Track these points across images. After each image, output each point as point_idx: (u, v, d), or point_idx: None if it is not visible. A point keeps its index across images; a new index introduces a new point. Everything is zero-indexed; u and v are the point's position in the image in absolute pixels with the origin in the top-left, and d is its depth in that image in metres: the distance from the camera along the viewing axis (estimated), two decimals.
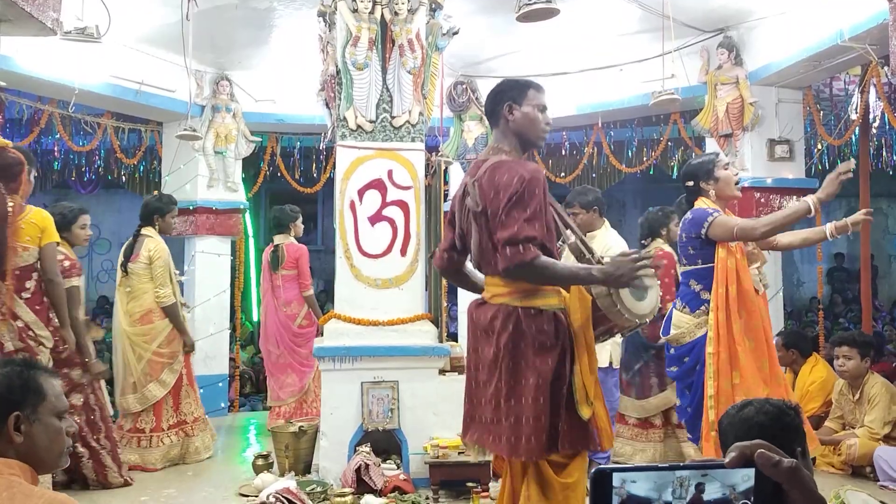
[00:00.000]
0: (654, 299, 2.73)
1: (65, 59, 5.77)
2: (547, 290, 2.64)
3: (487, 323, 2.67)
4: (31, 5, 3.16)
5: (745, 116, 6.03)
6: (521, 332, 2.58)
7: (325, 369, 4.47)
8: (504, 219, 2.52)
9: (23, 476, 1.72)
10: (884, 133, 8.40)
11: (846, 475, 4.67)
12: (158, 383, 5.03)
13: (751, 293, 3.70)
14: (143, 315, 5.02)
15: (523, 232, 2.49)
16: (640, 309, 2.66)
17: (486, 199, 2.59)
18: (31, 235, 4.03)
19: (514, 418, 2.56)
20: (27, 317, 3.97)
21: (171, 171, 7.13)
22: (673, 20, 5.51)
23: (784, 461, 0.70)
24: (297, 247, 6.06)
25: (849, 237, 12.04)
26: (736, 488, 0.70)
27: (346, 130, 4.58)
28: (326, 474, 4.37)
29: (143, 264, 5.03)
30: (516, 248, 2.48)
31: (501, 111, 2.75)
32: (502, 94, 2.77)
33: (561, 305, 2.65)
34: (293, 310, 6.00)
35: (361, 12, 4.53)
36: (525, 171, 2.57)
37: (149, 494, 4.44)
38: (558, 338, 2.58)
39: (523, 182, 2.54)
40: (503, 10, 5.25)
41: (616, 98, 6.87)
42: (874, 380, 4.81)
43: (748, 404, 1.90)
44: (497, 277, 2.69)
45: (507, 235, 2.50)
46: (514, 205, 2.52)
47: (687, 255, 3.83)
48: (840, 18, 5.04)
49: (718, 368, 3.60)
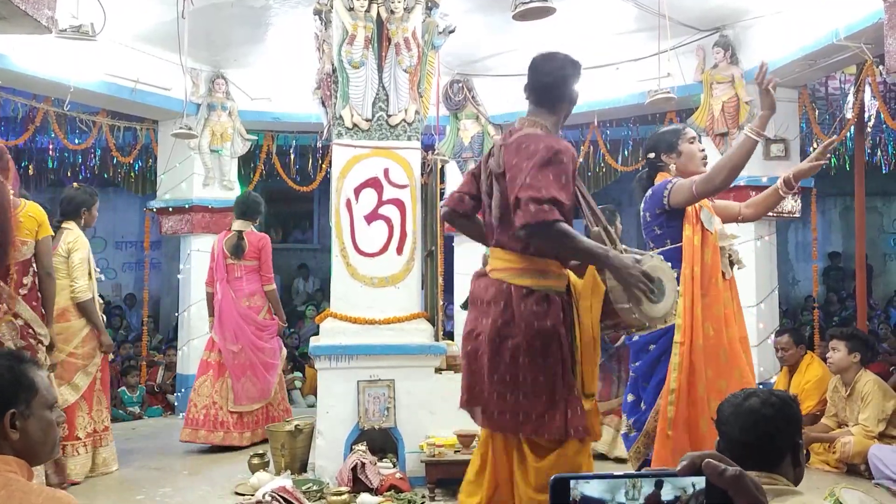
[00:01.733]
0: (668, 305, 2.65)
1: (60, 57, 5.76)
2: (546, 270, 2.61)
3: (482, 295, 2.69)
4: (26, 3, 3.15)
5: (740, 115, 6.04)
6: (511, 311, 2.58)
7: (321, 368, 4.47)
8: (529, 180, 2.47)
9: (19, 472, 1.72)
10: (879, 132, 8.42)
11: (841, 473, 4.68)
12: (70, 387, 4.62)
13: (715, 276, 3.37)
14: (59, 314, 4.50)
15: (549, 193, 2.44)
16: (652, 311, 2.58)
17: (510, 164, 2.58)
18: (29, 229, 4.00)
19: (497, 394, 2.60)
20: (27, 314, 3.93)
21: (167, 170, 7.12)
22: (669, 19, 5.52)
23: (728, 470, 0.75)
24: (260, 236, 5.77)
25: (844, 236, 12.12)
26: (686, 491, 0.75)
27: (343, 129, 4.58)
28: (323, 473, 4.37)
29: (62, 258, 4.63)
30: (541, 206, 2.43)
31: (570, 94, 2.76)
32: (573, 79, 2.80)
33: (559, 289, 2.62)
34: (256, 302, 5.66)
35: (357, 10, 4.52)
36: (556, 143, 2.57)
37: (144, 493, 4.43)
38: (547, 318, 2.55)
39: (552, 150, 2.52)
40: (499, 9, 5.25)
41: (612, 97, 6.87)
42: (866, 377, 4.82)
43: (752, 394, 1.90)
44: (500, 250, 2.68)
45: (532, 193, 2.44)
46: (542, 167, 2.48)
47: (654, 236, 3.49)
48: (835, 18, 5.05)
49: (682, 360, 3.28)
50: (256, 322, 5.64)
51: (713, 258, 3.38)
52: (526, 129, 2.68)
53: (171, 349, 7.97)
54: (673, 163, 3.49)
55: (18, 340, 3.84)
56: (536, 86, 2.78)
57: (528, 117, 2.76)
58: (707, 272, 3.35)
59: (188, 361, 6.92)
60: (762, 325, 6.05)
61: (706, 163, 3.52)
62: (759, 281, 6.00)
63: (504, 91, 7.16)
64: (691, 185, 3.28)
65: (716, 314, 3.35)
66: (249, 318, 5.61)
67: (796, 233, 12.04)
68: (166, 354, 8.01)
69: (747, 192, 5.95)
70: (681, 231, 3.38)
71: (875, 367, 5.96)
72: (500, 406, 2.59)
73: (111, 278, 12.04)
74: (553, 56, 2.81)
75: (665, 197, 3.38)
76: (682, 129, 3.60)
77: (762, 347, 5.93)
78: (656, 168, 3.57)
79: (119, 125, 7.16)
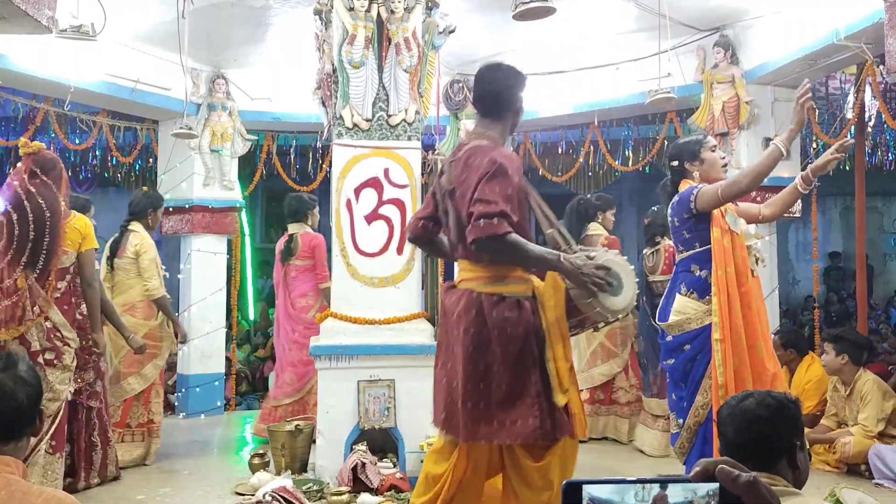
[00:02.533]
0: (629, 296, 2.72)
1: (60, 57, 5.76)
2: (513, 277, 2.66)
3: (454, 307, 2.71)
4: (27, 3, 3.15)
5: (741, 115, 6.04)
6: (482, 319, 2.61)
7: (321, 368, 4.47)
8: (479, 196, 2.54)
9: (17, 472, 1.72)
10: (879, 132, 8.42)
11: (841, 473, 4.69)
12: (139, 377, 4.99)
13: (746, 274, 3.54)
14: (126, 309, 4.95)
15: (498, 207, 2.50)
16: (613, 304, 2.66)
17: (459, 180, 2.65)
18: (72, 240, 4.16)
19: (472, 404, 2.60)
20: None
21: (167, 170, 7.11)
22: (669, 19, 5.52)
23: (742, 476, 0.75)
24: (313, 235, 5.84)
25: (844, 236, 12.12)
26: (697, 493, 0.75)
27: (343, 129, 4.58)
28: (323, 473, 4.37)
29: (130, 259, 5.03)
30: (490, 220, 2.49)
31: (515, 105, 2.79)
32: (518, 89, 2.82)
33: (527, 294, 2.66)
34: (308, 301, 5.78)
35: (358, 10, 4.52)
36: (499, 155, 2.62)
37: (144, 493, 4.43)
38: (519, 324, 2.59)
39: (496, 163, 2.57)
40: (500, 9, 5.25)
41: (612, 97, 6.87)
42: (865, 377, 4.83)
43: (749, 396, 1.90)
44: (466, 262, 2.72)
45: (481, 208, 2.51)
46: (489, 181, 2.54)
47: (683, 240, 3.65)
48: (836, 18, 5.05)
49: (726, 356, 3.43)
50: (304, 321, 5.74)
51: (742, 258, 3.55)
52: (472, 143, 2.72)
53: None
54: (696, 170, 3.65)
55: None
56: (481, 96, 2.82)
57: (475, 129, 2.82)
58: (739, 271, 3.52)
59: (189, 361, 6.92)
60: None
61: (727, 169, 3.71)
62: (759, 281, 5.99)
63: None
64: (717, 189, 3.45)
65: (751, 311, 3.55)
66: (296, 318, 5.77)
67: (797, 232, 12.04)
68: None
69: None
70: (708, 234, 3.54)
71: (875, 367, 5.97)
72: (482, 416, 2.58)
73: None
74: (497, 66, 2.86)
75: (692, 201, 3.53)
76: (703, 138, 3.76)
77: None
78: (681, 175, 3.71)
79: (119, 125, 7.16)
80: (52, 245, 3.85)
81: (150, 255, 5.04)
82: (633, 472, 4.75)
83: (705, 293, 3.54)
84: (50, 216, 3.85)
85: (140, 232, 5.13)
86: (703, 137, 3.77)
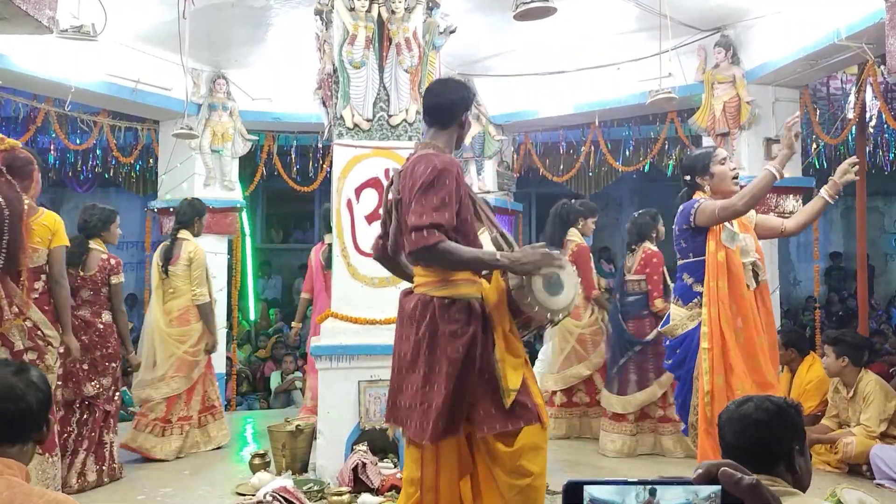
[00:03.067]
0: (569, 296, 2.74)
1: (61, 58, 5.76)
2: (462, 280, 2.72)
3: (410, 312, 2.78)
4: (28, 3, 3.15)
5: (741, 115, 6.04)
6: (435, 322, 2.68)
7: (321, 368, 4.47)
8: (413, 205, 2.62)
9: (20, 475, 1.73)
10: (880, 132, 8.42)
11: (842, 473, 4.68)
12: (185, 379, 5.33)
13: (741, 287, 3.66)
14: (180, 315, 5.35)
15: (429, 218, 2.58)
16: (552, 303, 2.68)
17: (404, 189, 2.73)
18: (41, 237, 4.09)
19: (427, 404, 2.66)
20: (35, 316, 3.98)
21: (168, 170, 7.11)
22: (670, 19, 5.51)
23: (745, 479, 0.75)
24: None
25: (845, 236, 12.11)
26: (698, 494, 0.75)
27: (343, 129, 4.58)
28: (323, 473, 4.37)
29: (184, 266, 5.36)
30: (420, 232, 2.58)
31: (460, 118, 2.88)
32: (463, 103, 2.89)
33: (477, 295, 2.73)
34: None
35: (358, 10, 4.52)
36: (439, 162, 2.67)
37: (145, 493, 4.43)
38: (470, 325, 2.65)
39: (435, 171, 2.64)
40: (500, 9, 5.25)
41: (613, 97, 6.87)
42: (868, 378, 4.83)
43: (748, 401, 1.91)
44: (419, 268, 2.80)
45: (414, 221, 2.60)
46: (423, 192, 2.62)
47: (680, 248, 3.84)
48: (837, 18, 5.05)
49: (713, 364, 3.58)
50: None
51: (737, 272, 3.66)
52: (419, 152, 2.82)
53: None
54: (707, 184, 3.78)
55: (27, 342, 3.88)
56: (428, 108, 2.93)
57: (424, 140, 2.92)
58: (735, 284, 3.64)
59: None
60: None
61: (737, 182, 3.80)
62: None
63: (505, 91, 7.16)
64: (715, 208, 3.61)
65: (748, 322, 3.64)
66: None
67: None
68: None
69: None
70: (703, 246, 3.70)
71: (875, 367, 5.97)
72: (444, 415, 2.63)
73: None
74: (445, 80, 3.01)
75: (692, 215, 3.70)
76: (712, 151, 3.89)
77: None
78: (693, 188, 3.83)
79: (120, 125, 7.16)
80: (12, 245, 3.70)
81: (200, 261, 5.39)
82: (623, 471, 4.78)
83: (688, 300, 3.76)
84: (9, 214, 3.70)
85: (191, 240, 5.46)
86: (713, 151, 3.89)
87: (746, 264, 3.71)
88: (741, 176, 5.72)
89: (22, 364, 1.91)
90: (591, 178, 8.92)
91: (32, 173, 3.99)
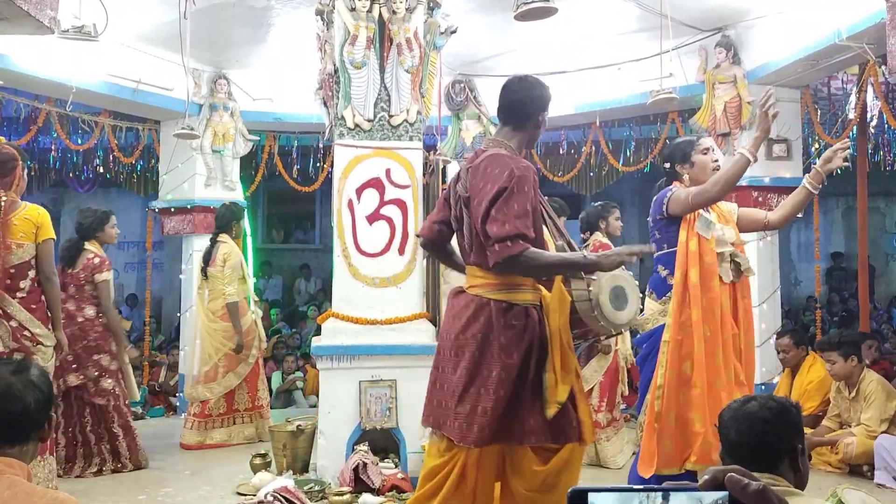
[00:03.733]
0: (632, 311, 2.73)
1: (62, 58, 5.76)
2: (523, 285, 2.67)
3: (461, 311, 2.72)
4: (29, 3, 3.15)
5: (742, 115, 6.04)
6: (490, 325, 2.63)
7: (322, 368, 4.47)
8: (495, 214, 2.55)
9: (22, 474, 1.73)
10: (881, 132, 8.41)
11: (843, 473, 4.68)
12: (235, 375, 5.69)
13: (712, 280, 3.44)
14: (223, 314, 5.66)
15: (513, 228, 2.52)
16: (617, 318, 2.67)
17: (475, 189, 2.65)
18: (24, 232, 3.98)
19: (470, 406, 2.61)
20: (20, 315, 3.91)
21: (169, 170, 7.12)
22: (671, 19, 5.51)
23: (752, 485, 0.74)
24: None
25: (846, 236, 12.10)
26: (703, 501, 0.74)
27: (344, 129, 4.58)
28: (324, 473, 4.37)
29: (220, 267, 5.64)
30: (505, 243, 2.51)
31: (536, 117, 2.79)
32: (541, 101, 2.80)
33: (535, 302, 2.69)
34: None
35: (359, 11, 4.52)
36: (517, 168, 2.60)
37: (146, 493, 4.44)
38: (526, 332, 2.62)
39: (513, 178, 2.57)
40: (501, 9, 5.25)
41: (614, 97, 6.87)
42: (870, 377, 4.82)
43: (751, 399, 1.93)
44: (476, 268, 2.74)
45: (496, 231, 2.53)
46: (504, 200, 2.55)
47: (655, 239, 3.63)
48: (838, 18, 5.04)
49: (669, 358, 3.41)
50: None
51: (709, 263, 3.45)
52: (490, 151, 2.74)
53: (174, 349, 7.98)
54: (686, 173, 3.60)
55: (10, 342, 3.82)
56: (505, 104, 2.84)
57: (495, 137, 2.84)
58: (705, 276, 3.43)
59: (190, 362, 6.91)
60: (764, 326, 6.04)
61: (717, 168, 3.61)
62: (761, 281, 5.99)
63: None
64: (688, 195, 3.43)
65: (713, 317, 3.43)
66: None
67: (798, 233, 12.03)
68: (170, 354, 8.01)
69: (749, 193, 5.97)
70: (677, 236, 3.51)
71: (877, 367, 5.96)
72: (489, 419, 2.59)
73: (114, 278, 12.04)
74: (524, 77, 2.89)
75: (664, 204, 3.53)
76: (696, 140, 3.69)
77: (764, 348, 5.92)
78: (672, 177, 3.67)
79: (121, 125, 7.16)
80: None
81: (232, 262, 5.64)
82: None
83: (662, 293, 3.57)
84: None
85: (228, 242, 5.72)
86: (697, 139, 3.69)
87: (724, 255, 3.51)
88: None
89: (21, 363, 1.90)
90: (592, 178, 8.91)
91: (15, 169, 3.94)
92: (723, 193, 3.42)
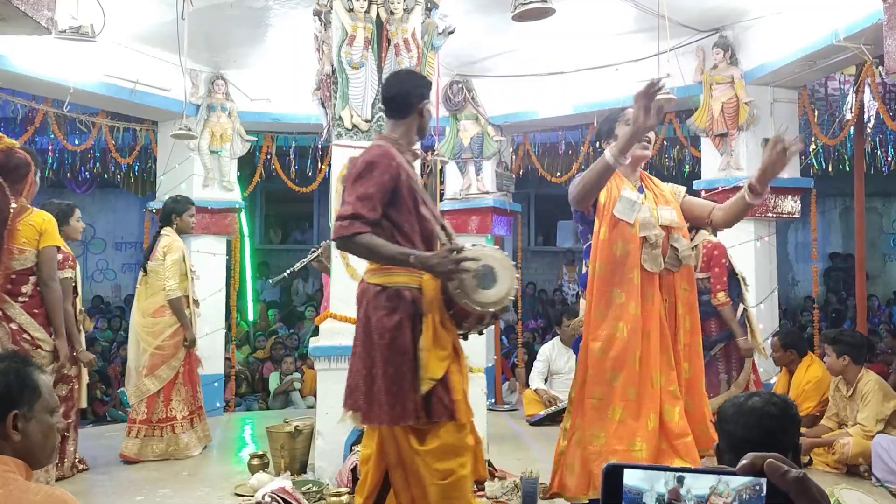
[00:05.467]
0: (502, 290, 2.72)
1: (59, 58, 5.76)
2: (397, 268, 2.75)
3: (357, 297, 2.88)
4: (26, 4, 3.14)
5: (740, 116, 6.04)
6: (369, 308, 2.76)
7: (320, 368, 4.47)
8: (345, 197, 2.72)
9: (18, 472, 1.72)
10: (878, 133, 8.42)
11: (840, 474, 4.69)
12: (155, 378, 5.20)
13: (630, 270, 3.03)
14: (155, 310, 5.25)
15: (353, 208, 2.65)
16: (482, 297, 2.69)
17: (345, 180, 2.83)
18: (27, 238, 3.98)
19: (370, 388, 2.72)
20: (21, 318, 3.91)
21: (167, 171, 7.11)
22: (668, 20, 5.51)
23: (792, 472, 0.73)
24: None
25: (844, 237, 12.12)
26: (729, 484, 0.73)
27: (342, 130, 4.57)
28: (322, 474, 4.36)
29: (159, 261, 5.27)
30: (340, 223, 2.66)
31: (416, 107, 2.90)
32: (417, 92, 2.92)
33: (410, 284, 2.76)
34: None
35: (357, 11, 4.52)
36: (371, 155, 2.75)
37: (144, 494, 4.43)
38: (397, 313, 2.71)
39: (366, 163, 2.72)
40: (499, 10, 5.25)
41: (612, 97, 6.86)
42: (868, 377, 4.83)
43: (754, 395, 1.95)
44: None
45: (339, 211, 2.71)
46: (354, 182, 2.70)
47: (579, 232, 3.34)
48: (835, 18, 5.05)
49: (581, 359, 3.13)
50: None
51: (628, 250, 3.06)
52: (372, 143, 2.91)
53: None
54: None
55: (9, 345, 3.81)
56: (384, 99, 3.01)
57: (378, 132, 3.05)
58: (619, 266, 3.05)
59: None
60: (762, 326, 6.03)
61: (647, 147, 3.20)
62: (758, 281, 6.00)
63: (503, 92, 7.16)
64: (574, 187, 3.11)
65: (631, 313, 3.03)
66: None
67: (796, 233, 12.05)
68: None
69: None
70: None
71: (874, 367, 5.97)
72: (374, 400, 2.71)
73: (111, 279, 12.05)
74: (401, 70, 3.09)
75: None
76: (620, 112, 3.25)
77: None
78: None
79: (118, 126, 7.15)
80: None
81: (172, 256, 5.26)
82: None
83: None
84: None
85: (170, 235, 5.36)
86: (621, 111, 3.21)
87: (651, 239, 3.06)
88: (737, 177, 5.79)
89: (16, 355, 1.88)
90: None
91: (28, 175, 3.91)
92: (581, 196, 3.05)
